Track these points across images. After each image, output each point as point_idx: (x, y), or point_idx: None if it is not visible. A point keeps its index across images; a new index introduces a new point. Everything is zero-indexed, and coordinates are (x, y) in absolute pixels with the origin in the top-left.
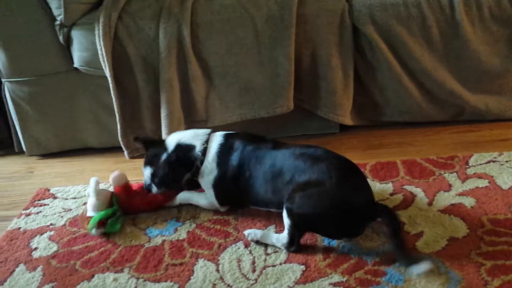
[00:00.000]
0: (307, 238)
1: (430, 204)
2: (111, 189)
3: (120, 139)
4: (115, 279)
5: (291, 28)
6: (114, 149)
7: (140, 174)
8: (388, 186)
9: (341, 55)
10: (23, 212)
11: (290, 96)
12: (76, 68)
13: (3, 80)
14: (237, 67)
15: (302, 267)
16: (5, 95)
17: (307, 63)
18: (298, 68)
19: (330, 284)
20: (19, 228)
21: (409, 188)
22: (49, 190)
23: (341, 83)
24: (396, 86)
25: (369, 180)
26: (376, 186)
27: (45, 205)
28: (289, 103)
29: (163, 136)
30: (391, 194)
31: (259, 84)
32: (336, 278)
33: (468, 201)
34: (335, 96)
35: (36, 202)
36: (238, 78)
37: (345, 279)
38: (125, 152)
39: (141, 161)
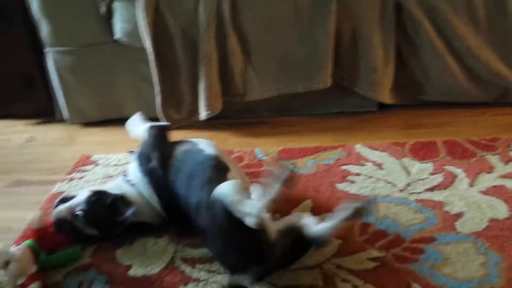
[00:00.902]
0: None
1: (471, 185)
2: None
3: (159, 111)
4: (155, 243)
5: (332, 3)
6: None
7: None
8: (428, 166)
9: (382, 31)
10: (66, 177)
11: (328, 72)
12: (117, 40)
13: (46, 49)
14: (276, 42)
15: (339, 241)
16: (48, 64)
17: (347, 39)
18: (338, 44)
19: (368, 258)
20: (63, 192)
21: (450, 168)
22: (90, 157)
23: (382, 61)
24: (438, 65)
25: (408, 160)
26: (416, 165)
27: (87, 171)
28: (326, 79)
29: (200, 108)
30: (431, 174)
31: (297, 60)
32: (373, 253)
33: (510, 184)
34: (375, 73)
35: (78, 168)
36: (276, 53)
37: (382, 254)
38: None
39: (179, 133)
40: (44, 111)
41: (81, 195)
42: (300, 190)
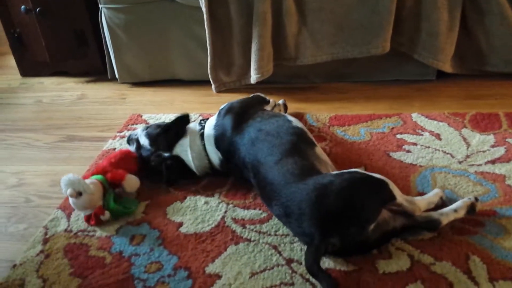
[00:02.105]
0: (400, 185)
1: None
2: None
3: (209, 72)
4: (206, 202)
5: None
6: (202, 83)
7: None
8: (489, 138)
9: None
10: (117, 134)
11: (387, 37)
12: None
13: (100, 6)
14: (334, 2)
15: None
16: (101, 21)
17: (410, 0)
18: (400, 6)
19: None
20: (115, 149)
21: None
22: (141, 116)
23: (445, 26)
24: (505, 33)
25: (468, 131)
26: (476, 137)
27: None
28: (385, 44)
29: (252, 71)
30: (492, 146)
31: (355, 22)
32: None
33: None
34: (437, 39)
35: (130, 126)
36: (333, 15)
37: None
38: (213, 86)
39: (226, 96)
40: (95, 70)
41: None
42: (354, 156)
